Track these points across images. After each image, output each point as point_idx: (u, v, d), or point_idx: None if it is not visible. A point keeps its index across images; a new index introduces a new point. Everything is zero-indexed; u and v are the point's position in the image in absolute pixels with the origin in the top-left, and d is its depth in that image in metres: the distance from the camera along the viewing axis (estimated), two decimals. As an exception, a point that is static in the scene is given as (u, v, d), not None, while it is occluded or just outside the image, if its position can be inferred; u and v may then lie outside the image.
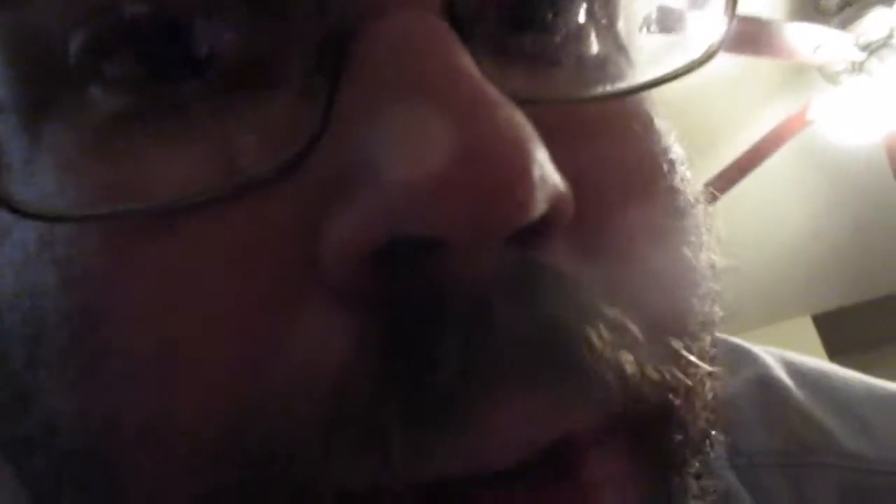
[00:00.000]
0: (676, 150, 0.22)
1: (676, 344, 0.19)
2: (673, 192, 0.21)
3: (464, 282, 0.15)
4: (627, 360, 0.16)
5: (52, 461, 0.19)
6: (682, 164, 0.22)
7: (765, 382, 0.36)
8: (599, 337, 0.16)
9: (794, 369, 0.37)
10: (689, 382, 0.19)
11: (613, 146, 0.20)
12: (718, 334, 0.39)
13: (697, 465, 0.20)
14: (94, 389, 0.17)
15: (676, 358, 0.19)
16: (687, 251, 0.20)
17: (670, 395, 0.18)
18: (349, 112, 0.16)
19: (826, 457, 0.33)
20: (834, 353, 3.96)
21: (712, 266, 0.22)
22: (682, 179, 0.21)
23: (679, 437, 0.19)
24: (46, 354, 0.18)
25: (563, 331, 0.15)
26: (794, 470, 0.33)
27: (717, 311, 0.22)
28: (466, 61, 0.16)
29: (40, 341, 0.17)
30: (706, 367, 0.20)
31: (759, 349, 0.38)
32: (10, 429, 0.20)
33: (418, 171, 0.14)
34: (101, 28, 0.17)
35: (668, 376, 0.18)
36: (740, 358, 0.37)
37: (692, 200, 0.22)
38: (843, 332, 4.02)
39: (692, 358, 0.19)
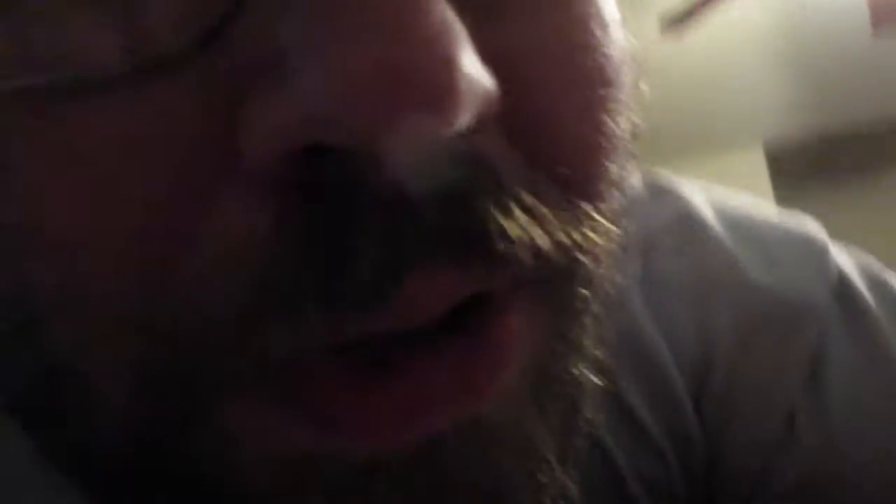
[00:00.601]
0: (611, 12, 0.22)
1: (587, 207, 0.20)
2: (601, 60, 0.20)
3: (382, 170, 0.15)
4: (538, 234, 0.17)
5: None
6: (616, 26, 0.22)
7: (686, 217, 0.37)
8: (511, 216, 0.17)
9: (718, 206, 0.38)
10: (597, 242, 0.20)
11: (543, 17, 0.19)
12: (649, 171, 0.39)
13: (598, 314, 0.21)
14: (10, 266, 0.17)
15: (586, 220, 0.20)
16: (607, 118, 0.20)
17: (578, 256, 0.19)
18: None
19: (732, 285, 0.35)
20: (781, 186, 4.07)
21: (632, 126, 0.22)
22: (613, 44, 0.21)
23: (584, 292, 0.20)
24: None
25: (476, 213, 0.16)
26: (700, 298, 0.35)
27: (631, 170, 0.23)
28: None
29: None
30: (613, 227, 0.21)
31: (688, 186, 0.39)
32: None
33: (335, 79, 0.14)
34: None
35: (577, 238, 0.19)
36: (667, 193, 0.38)
37: (620, 65, 0.21)
38: (794, 165, 4.10)
39: (601, 220, 0.20)
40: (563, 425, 0.20)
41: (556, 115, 0.19)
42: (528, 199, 0.17)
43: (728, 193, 0.39)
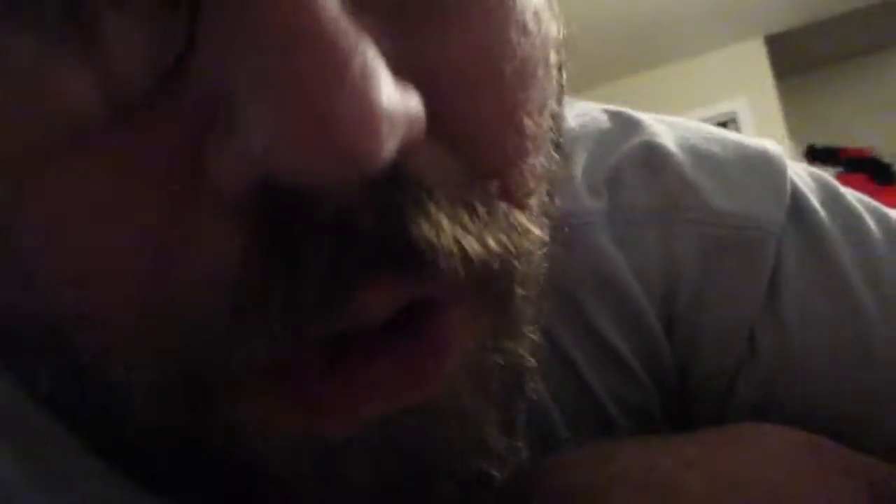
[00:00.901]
0: (550, 30, 0.23)
1: (514, 210, 0.21)
2: (520, 64, 0.21)
3: (324, 199, 0.17)
4: (468, 242, 0.20)
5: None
6: (538, 16, 0.22)
7: (649, 148, 0.37)
8: (441, 228, 0.19)
9: (679, 136, 0.38)
10: (525, 240, 0.22)
11: (461, 31, 0.20)
12: (615, 107, 0.40)
13: (531, 307, 0.23)
14: (23, 294, 0.19)
15: (514, 222, 0.21)
16: (529, 119, 0.22)
17: (510, 259, 0.21)
18: (211, 31, 0.17)
19: (692, 213, 0.36)
20: (783, 75, 4.01)
21: (555, 115, 0.24)
22: (532, 43, 0.22)
23: (517, 287, 0.22)
24: None
25: (408, 228, 0.18)
26: (664, 226, 0.35)
27: (555, 158, 0.24)
28: (320, 3, 0.16)
29: None
30: (540, 231, 0.23)
31: (651, 119, 0.40)
32: None
33: (274, 132, 0.16)
34: None
35: (505, 241, 0.21)
36: (630, 126, 0.39)
37: (541, 60, 0.22)
38: (793, 53, 4.03)
39: (529, 219, 0.22)
40: (505, 401, 0.22)
41: (478, 122, 0.20)
42: (457, 210, 0.19)
43: (691, 124, 0.40)
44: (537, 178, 0.22)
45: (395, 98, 0.17)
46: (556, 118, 0.24)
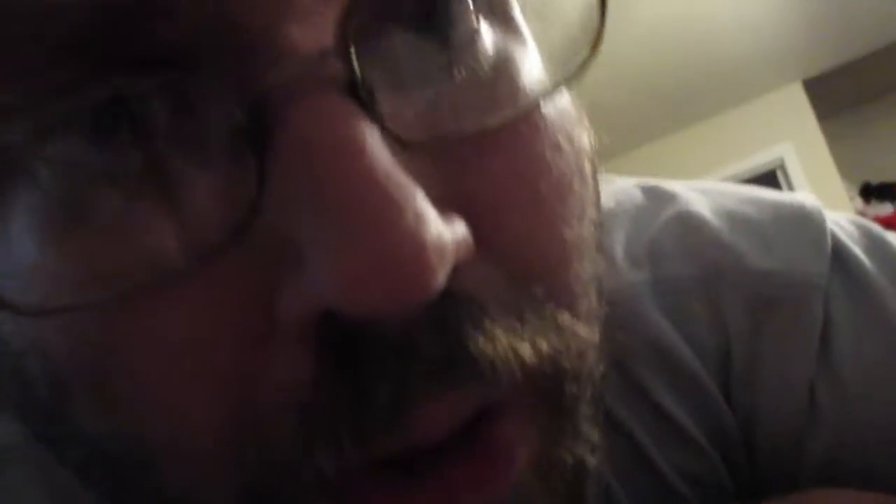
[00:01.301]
0: (566, 123, 0.24)
1: (564, 314, 0.22)
2: (558, 181, 0.22)
3: (384, 327, 0.18)
4: (522, 351, 0.20)
5: (85, 456, 0.22)
6: (571, 130, 0.24)
7: (684, 217, 0.38)
8: (496, 341, 0.20)
9: (713, 202, 0.39)
10: (577, 345, 0.23)
11: (501, 159, 0.21)
12: (645, 179, 0.40)
13: (589, 404, 0.24)
14: (114, 420, 0.20)
15: (564, 327, 0.22)
16: (570, 228, 0.23)
17: (562, 360, 0.22)
18: (278, 190, 0.18)
19: (736, 276, 0.36)
20: (824, 116, 3.98)
21: (594, 221, 0.25)
22: (568, 159, 0.23)
23: (573, 387, 0.23)
24: (67, 391, 0.21)
25: (464, 345, 0.19)
26: (709, 292, 0.36)
27: (600, 261, 0.25)
28: (372, 156, 0.18)
29: (58, 382, 0.20)
30: (590, 331, 0.23)
31: (684, 189, 0.40)
32: (41, 431, 0.23)
33: (338, 278, 0.17)
34: (45, 113, 0.18)
35: (558, 345, 0.22)
36: (664, 200, 0.39)
37: (578, 171, 0.23)
38: (832, 93, 4.00)
39: (579, 322, 0.23)
40: (569, 494, 0.23)
41: (520, 237, 0.21)
42: (509, 319, 0.20)
43: (725, 187, 0.41)
44: (582, 282, 0.23)
45: (444, 232, 0.18)
46: (596, 223, 0.24)
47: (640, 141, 3.77)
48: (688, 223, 0.37)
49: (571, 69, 0.22)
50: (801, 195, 0.39)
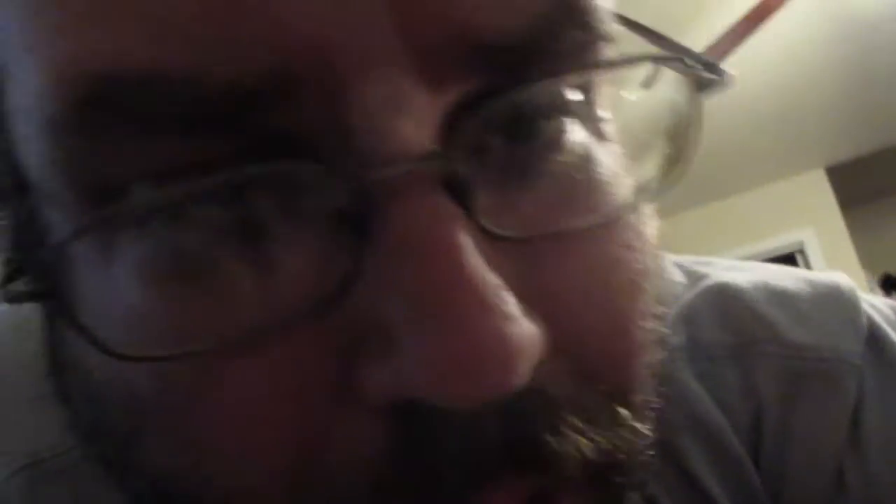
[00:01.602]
0: (650, 238, 0.25)
1: (625, 415, 0.23)
2: (630, 277, 0.23)
3: (462, 414, 0.19)
4: (587, 448, 0.21)
5: (146, 486, 0.23)
6: (643, 225, 0.25)
7: (721, 286, 0.38)
8: (562, 436, 0.21)
9: (749, 275, 0.39)
10: (633, 440, 0.23)
11: (576, 257, 0.22)
12: (685, 258, 0.41)
13: (635, 488, 0.25)
14: (187, 460, 0.21)
15: (624, 424, 0.23)
16: (639, 325, 0.23)
17: (619, 455, 0.23)
18: (373, 274, 0.19)
19: (770, 346, 0.36)
20: (847, 205, 3.98)
21: (659, 314, 0.25)
22: (640, 254, 0.24)
23: (623, 479, 0.23)
24: (142, 426, 0.21)
25: (533, 437, 0.20)
26: (743, 360, 0.36)
27: (660, 352, 0.25)
28: (467, 257, 0.19)
29: (135, 416, 0.21)
30: (648, 426, 0.24)
31: (720, 267, 0.41)
32: (106, 455, 0.24)
33: (429, 366, 0.18)
34: (166, 173, 0.19)
35: (617, 442, 0.22)
36: (700, 277, 0.40)
37: (648, 267, 0.24)
38: (855, 182, 4.01)
39: (637, 423, 0.24)
40: None
41: (591, 336, 0.22)
42: (574, 415, 0.21)
43: (760, 266, 0.41)
44: (644, 378, 0.24)
45: (529, 334, 0.19)
46: (660, 317, 0.25)
47: (661, 214, 3.77)
48: (724, 292, 0.38)
49: (656, 182, 0.24)
50: (835, 274, 0.40)
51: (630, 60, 0.22)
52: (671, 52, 0.25)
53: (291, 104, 0.18)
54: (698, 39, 2.28)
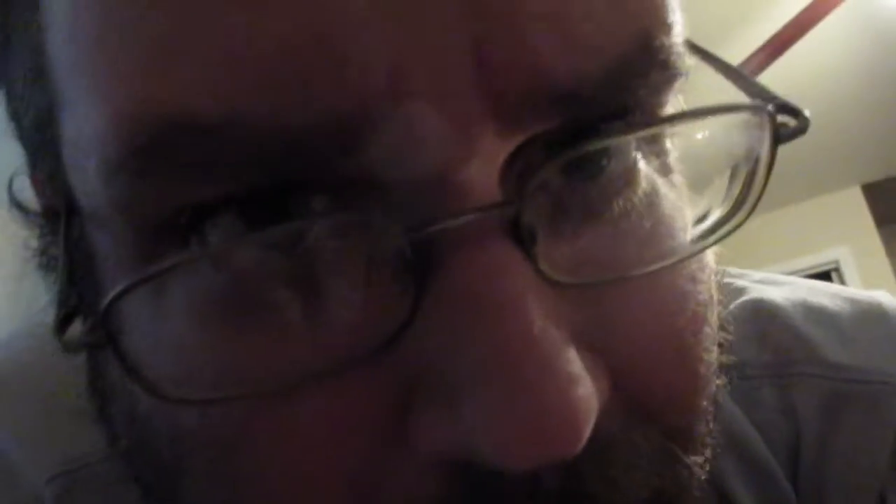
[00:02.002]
0: (712, 266, 0.24)
1: (684, 453, 0.23)
2: (691, 313, 0.23)
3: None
4: (642, 490, 0.21)
5: None
6: (704, 259, 0.24)
7: (757, 304, 0.37)
8: (618, 485, 0.20)
9: (786, 292, 0.38)
10: (689, 477, 0.23)
11: (637, 297, 0.21)
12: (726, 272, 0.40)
13: None
14: (230, 499, 0.21)
15: (683, 464, 0.23)
16: (701, 360, 0.23)
17: (672, 492, 0.22)
18: (431, 322, 0.18)
19: (809, 367, 0.35)
20: (882, 222, 3.92)
21: (722, 342, 0.25)
22: (701, 290, 0.23)
23: None
24: (188, 461, 0.21)
25: (592, 488, 0.20)
26: (781, 380, 0.35)
27: (721, 381, 0.25)
28: (529, 312, 0.18)
29: (182, 452, 0.21)
30: (705, 459, 0.24)
31: (756, 281, 0.40)
32: (151, 483, 0.24)
33: (489, 420, 0.18)
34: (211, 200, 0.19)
35: (673, 481, 0.22)
36: (737, 292, 0.39)
37: (709, 300, 0.23)
38: (892, 200, 3.95)
39: (696, 458, 0.23)
40: None
41: (654, 377, 0.22)
42: (632, 462, 0.21)
43: (798, 281, 0.40)
44: (705, 412, 0.23)
45: (592, 393, 0.18)
46: (723, 344, 0.25)
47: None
48: (759, 309, 0.37)
49: (722, 222, 0.23)
50: (876, 293, 0.39)
51: (708, 112, 0.21)
52: (750, 89, 0.24)
53: (358, 146, 0.18)
54: (732, 56, 2.27)
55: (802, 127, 0.23)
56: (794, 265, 3.84)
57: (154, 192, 0.19)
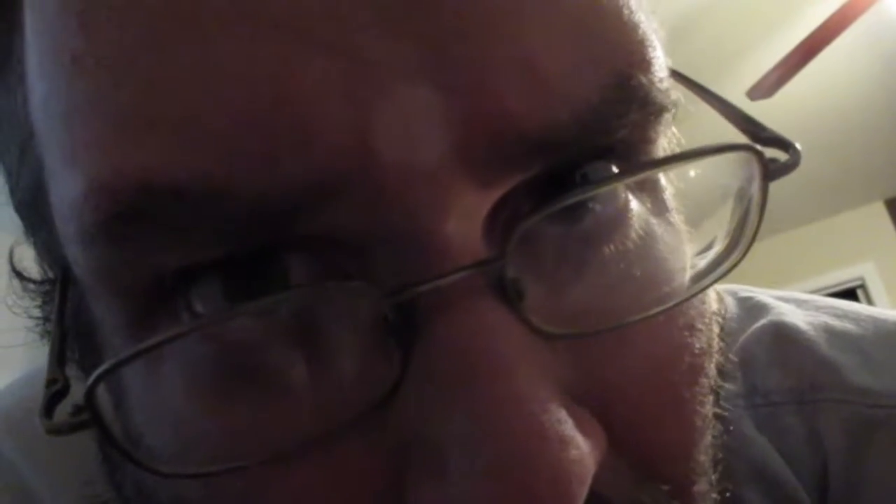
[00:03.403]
0: (712, 310, 0.24)
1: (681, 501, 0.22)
2: (689, 364, 0.22)
3: None
4: None
5: None
6: (703, 304, 0.23)
7: (779, 327, 0.36)
8: None
9: (809, 314, 0.38)
10: None
11: (649, 351, 0.21)
12: (741, 288, 0.39)
13: None
14: None
15: None
16: (701, 408, 0.22)
17: None
18: (419, 385, 0.18)
19: (835, 392, 0.34)
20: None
21: (718, 388, 0.24)
22: (700, 337, 0.22)
23: None
24: None
25: None
26: (806, 406, 0.34)
27: (719, 427, 0.24)
28: (518, 376, 0.18)
29: None
30: None
31: (778, 300, 0.39)
32: None
33: (482, 489, 0.17)
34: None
35: None
36: (757, 310, 0.39)
37: (707, 348, 0.23)
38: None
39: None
40: None
41: (654, 431, 0.21)
42: None
43: (820, 300, 0.40)
44: (705, 462, 0.22)
45: (586, 455, 0.18)
46: (718, 388, 0.24)
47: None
48: (782, 334, 0.36)
49: (718, 262, 0.22)
50: (900, 313, 0.38)
51: (697, 154, 0.21)
52: (740, 122, 0.23)
53: (330, 210, 0.18)
54: (749, 70, 2.26)
55: (794, 161, 0.22)
56: (819, 283, 3.81)
57: (130, 258, 0.19)
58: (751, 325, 0.37)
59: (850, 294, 3.79)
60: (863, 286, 3.85)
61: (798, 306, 0.38)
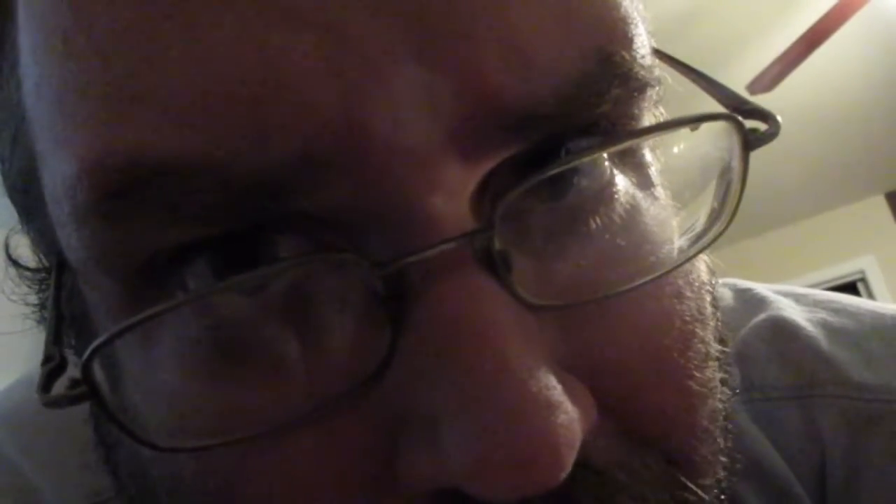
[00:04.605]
0: (701, 279, 0.24)
1: (685, 474, 0.22)
2: (679, 332, 0.22)
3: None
4: None
5: None
6: (694, 272, 0.23)
7: (777, 322, 0.37)
8: None
9: (807, 309, 0.38)
10: (697, 502, 0.22)
11: (637, 318, 0.21)
12: (739, 282, 0.39)
13: None
14: None
15: (683, 486, 0.22)
16: (695, 374, 0.22)
17: None
18: (410, 357, 0.19)
19: (833, 388, 0.34)
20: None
21: (718, 356, 0.24)
22: (690, 305, 0.23)
23: None
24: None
25: None
26: (804, 401, 0.34)
27: (726, 394, 0.24)
28: (506, 341, 0.18)
29: (178, 495, 0.21)
30: (713, 477, 0.23)
31: (777, 294, 0.40)
32: None
33: (475, 459, 0.17)
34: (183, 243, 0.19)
35: (673, 502, 0.21)
36: (755, 304, 0.39)
37: (700, 315, 0.23)
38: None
39: (700, 481, 0.22)
40: None
41: (646, 398, 0.21)
42: (628, 488, 0.20)
43: (819, 295, 0.39)
44: (706, 429, 0.23)
45: (575, 419, 0.18)
46: (720, 358, 0.24)
47: (717, 243, 3.73)
48: (779, 327, 0.36)
49: (702, 234, 0.22)
50: (897, 307, 0.38)
51: (677, 123, 0.21)
52: (721, 95, 0.24)
53: (320, 187, 0.18)
54: (750, 64, 2.26)
55: (773, 131, 0.22)
56: (820, 276, 3.81)
57: (123, 237, 0.19)
58: (749, 319, 0.37)
59: (850, 287, 3.79)
60: (863, 279, 3.85)
61: (796, 301, 0.39)
